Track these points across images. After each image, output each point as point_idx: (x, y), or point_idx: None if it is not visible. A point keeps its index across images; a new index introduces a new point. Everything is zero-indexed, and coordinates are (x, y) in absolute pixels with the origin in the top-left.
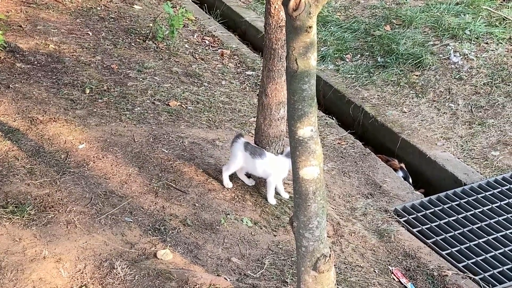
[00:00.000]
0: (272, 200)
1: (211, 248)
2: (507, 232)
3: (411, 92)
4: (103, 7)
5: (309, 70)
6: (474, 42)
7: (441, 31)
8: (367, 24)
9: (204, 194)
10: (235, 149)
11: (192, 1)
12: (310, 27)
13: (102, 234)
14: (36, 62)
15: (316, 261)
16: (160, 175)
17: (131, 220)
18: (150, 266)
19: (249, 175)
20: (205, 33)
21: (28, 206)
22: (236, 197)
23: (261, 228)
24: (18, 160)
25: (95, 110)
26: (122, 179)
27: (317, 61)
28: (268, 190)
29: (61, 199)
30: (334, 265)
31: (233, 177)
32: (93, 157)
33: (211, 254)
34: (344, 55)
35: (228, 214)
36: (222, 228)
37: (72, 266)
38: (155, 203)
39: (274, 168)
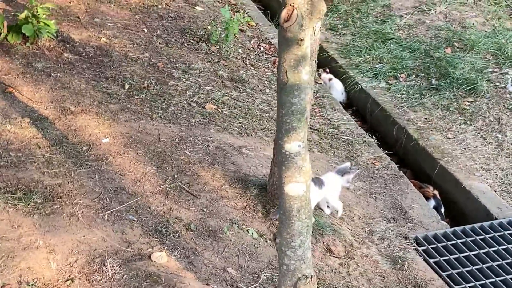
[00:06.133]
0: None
1: (209, 256)
2: None
3: (459, 118)
4: (164, 6)
5: (299, 84)
6: None
7: (502, 58)
8: (428, 45)
9: (215, 200)
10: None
11: (257, 7)
12: (301, 40)
13: (102, 230)
14: (84, 54)
15: (297, 281)
16: (175, 176)
17: (135, 219)
18: (141, 267)
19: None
20: (262, 39)
21: (36, 195)
22: (248, 206)
23: (266, 241)
24: (40, 148)
25: (129, 106)
26: (137, 177)
27: (369, 78)
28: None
29: (71, 190)
30: (336, 287)
31: (247, 187)
32: (114, 152)
33: (207, 262)
34: (398, 74)
35: (235, 223)
36: (224, 237)
37: (63, 258)
38: (163, 204)
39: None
